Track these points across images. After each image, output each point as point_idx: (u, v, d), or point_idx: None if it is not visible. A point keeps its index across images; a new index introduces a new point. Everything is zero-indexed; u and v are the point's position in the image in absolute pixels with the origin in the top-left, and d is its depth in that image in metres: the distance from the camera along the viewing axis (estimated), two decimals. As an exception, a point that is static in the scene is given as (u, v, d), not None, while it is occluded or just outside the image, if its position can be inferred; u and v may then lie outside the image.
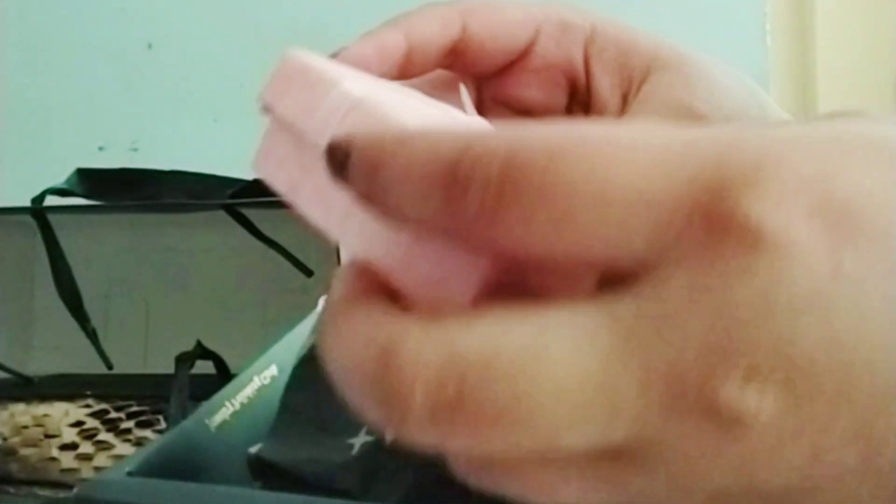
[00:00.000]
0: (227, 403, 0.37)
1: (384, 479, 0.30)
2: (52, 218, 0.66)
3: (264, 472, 0.32)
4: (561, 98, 0.36)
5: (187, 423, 0.35)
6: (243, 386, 0.35)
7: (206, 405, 0.36)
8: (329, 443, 0.32)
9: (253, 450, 0.33)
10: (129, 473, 0.31)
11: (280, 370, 0.39)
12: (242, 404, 0.35)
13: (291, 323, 0.62)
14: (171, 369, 0.58)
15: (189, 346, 0.60)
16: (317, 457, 0.31)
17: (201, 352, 0.59)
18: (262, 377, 0.36)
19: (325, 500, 0.30)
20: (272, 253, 0.67)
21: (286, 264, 0.67)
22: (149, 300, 0.76)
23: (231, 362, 0.64)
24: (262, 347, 0.69)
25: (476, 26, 0.34)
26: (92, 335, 0.67)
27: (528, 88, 0.35)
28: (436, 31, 0.33)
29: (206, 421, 0.35)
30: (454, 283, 0.20)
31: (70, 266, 0.66)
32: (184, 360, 0.57)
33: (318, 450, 0.32)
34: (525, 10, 0.35)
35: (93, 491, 0.30)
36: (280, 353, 0.41)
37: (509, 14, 0.34)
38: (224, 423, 0.36)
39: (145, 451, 0.32)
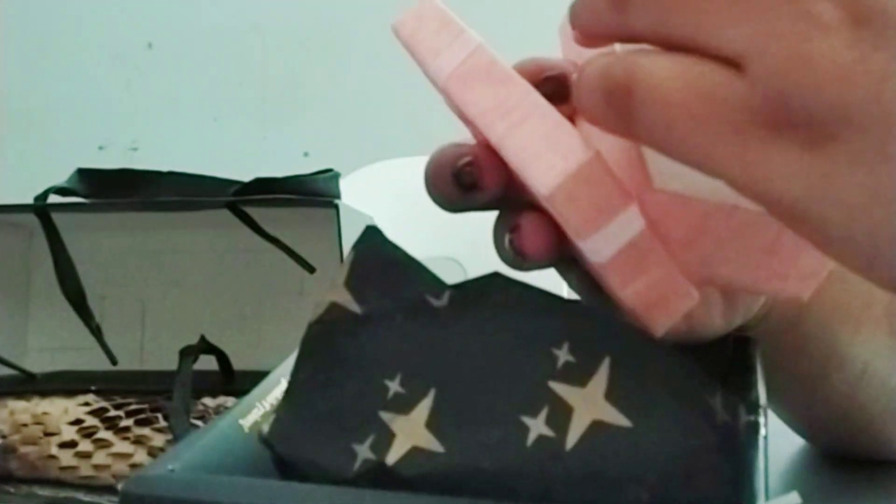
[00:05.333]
0: (258, 404, 0.37)
1: None
2: (53, 216, 0.66)
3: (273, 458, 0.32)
4: None
5: (221, 423, 0.35)
6: (273, 387, 0.35)
7: (238, 406, 0.36)
8: (333, 442, 0.31)
9: (265, 429, 0.32)
10: (171, 470, 0.30)
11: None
12: (272, 405, 0.35)
13: (289, 323, 0.62)
14: (168, 369, 0.58)
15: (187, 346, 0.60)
16: (318, 461, 0.31)
17: (205, 346, 0.59)
18: (290, 376, 0.36)
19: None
20: (271, 253, 0.67)
21: (285, 264, 0.67)
22: (146, 300, 0.76)
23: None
24: (260, 347, 0.69)
25: None
26: (96, 332, 0.67)
27: None
28: None
29: (241, 421, 0.35)
30: None
31: (74, 263, 0.66)
32: (187, 354, 0.57)
33: (321, 451, 0.31)
34: None
35: (140, 487, 0.30)
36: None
37: None
38: (256, 423, 0.35)
39: (183, 449, 0.32)
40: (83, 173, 0.70)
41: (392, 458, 0.30)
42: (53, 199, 0.68)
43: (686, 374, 0.30)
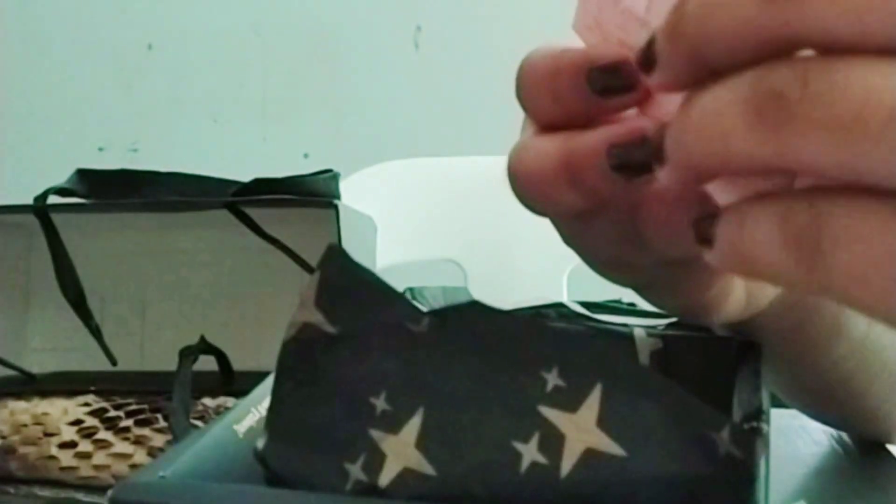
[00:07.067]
0: (254, 409, 0.36)
1: None
2: (53, 217, 0.66)
3: (268, 472, 0.32)
4: None
5: (215, 428, 0.34)
6: (268, 392, 0.34)
7: (233, 410, 0.36)
8: (325, 460, 0.31)
9: (259, 445, 0.32)
10: (162, 477, 0.30)
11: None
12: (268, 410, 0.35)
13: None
14: (168, 369, 0.58)
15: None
16: (311, 479, 0.31)
17: (204, 347, 0.59)
18: (270, 400, 0.35)
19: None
20: (271, 253, 0.67)
21: (285, 264, 0.67)
22: (146, 300, 0.76)
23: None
24: (260, 347, 0.69)
25: None
26: (96, 332, 0.67)
27: None
28: None
29: (235, 426, 0.35)
30: None
31: (73, 264, 0.66)
32: (187, 354, 0.57)
33: (314, 469, 0.31)
34: None
35: (129, 493, 0.30)
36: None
37: None
38: (251, 429, 0.35)
39: (175, 454, 0.32)
40: (83, 174, 0.71)
41: (384, 479, 0.30)
42: (53, 199, 0.68)
43: (683, 404, 0.29)
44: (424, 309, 0.32)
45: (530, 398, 0.30)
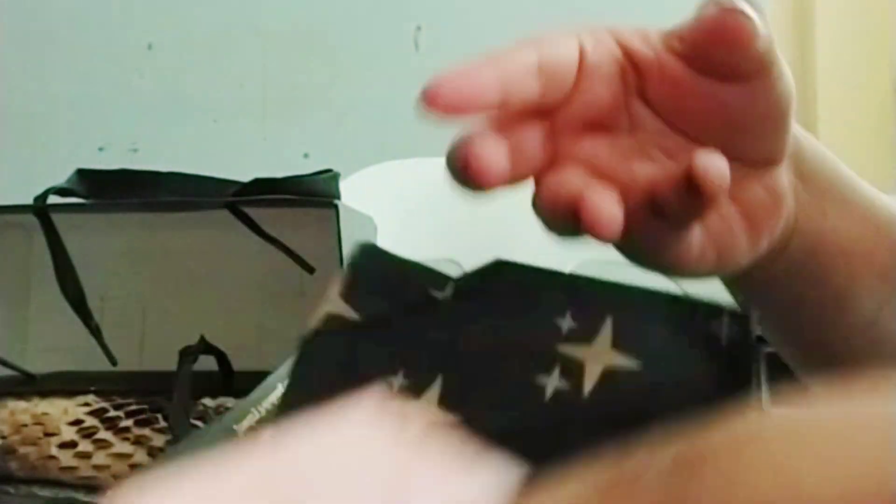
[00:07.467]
0: (254, 410, 0.36)
1: None
2: (53, 217, 0.67)
3: None
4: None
5: (216, 428, 0.35)
6: (268, 393, 0.34)
7: (233, 410, 0.36)
8: None
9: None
10: None
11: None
12: (268, 410, 0.35)
13: (290, 323, 0.62)
14: (169, 369, 0.58)
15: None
16: None
17: (204, 347, 0.59)
18: (286, 384, 0.36)
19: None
20: (271, 253, 0.67)
21: (285, 265, 0.67)
22: (146, 300, 0.76)
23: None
24: (260, 348, 0.69)
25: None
26: (95, 332, 0.67)
27: None
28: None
29: (235, 426, 0.35)
30: None
31: (73, 264, 0.66)
32: (187, 354, 0.57)
33: None
34: None
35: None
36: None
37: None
38: (251, 429, 0.35)
39: (176, 454, 0.32)
40: (83, 174, 0.71)
41: None
42: (53, 199, 0.68)
43: (687, 310, 0.31)
44: (450, 276, 0.34)
45: (548, 344, 0.31)
